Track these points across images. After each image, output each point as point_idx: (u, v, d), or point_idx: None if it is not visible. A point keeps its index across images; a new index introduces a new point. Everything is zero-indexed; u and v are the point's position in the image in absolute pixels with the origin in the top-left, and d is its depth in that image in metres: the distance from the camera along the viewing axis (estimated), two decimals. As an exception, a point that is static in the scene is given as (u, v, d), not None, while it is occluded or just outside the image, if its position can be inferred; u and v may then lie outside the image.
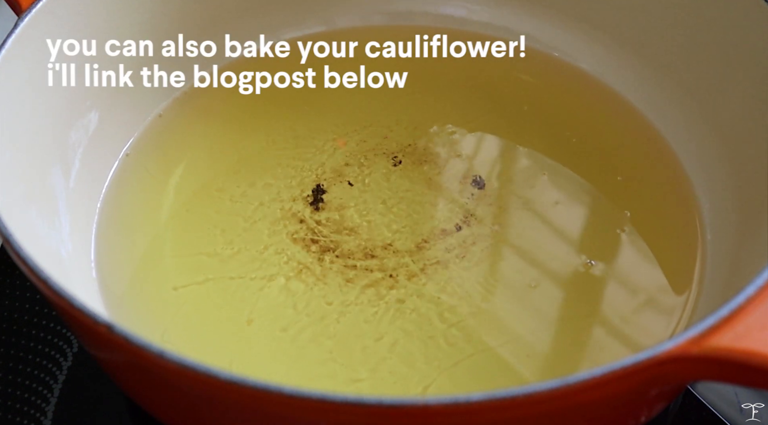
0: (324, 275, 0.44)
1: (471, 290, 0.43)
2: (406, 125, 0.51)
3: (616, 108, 0.52)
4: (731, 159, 0.46)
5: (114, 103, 0.50)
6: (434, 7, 0.57)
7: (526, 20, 0.56)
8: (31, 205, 0.42)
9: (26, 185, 0.42)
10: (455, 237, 0.46)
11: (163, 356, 0.31)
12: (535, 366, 0.41)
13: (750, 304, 0.32)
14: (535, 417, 0.32)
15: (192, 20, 0.53)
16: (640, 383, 0.32)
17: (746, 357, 0.31)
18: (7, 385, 0.46)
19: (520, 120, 0.52)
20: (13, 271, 0.50)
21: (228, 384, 0.30)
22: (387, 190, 0.48)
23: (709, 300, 0.42)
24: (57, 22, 0.45)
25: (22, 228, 0.38)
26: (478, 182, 0.48)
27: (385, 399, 0.29)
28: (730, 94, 0.47)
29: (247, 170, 0.50)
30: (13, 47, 0.42)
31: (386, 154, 0.50)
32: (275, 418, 0.33)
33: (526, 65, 0.55)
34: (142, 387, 0.38)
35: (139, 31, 0.50)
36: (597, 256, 0.45)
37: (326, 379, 0.40)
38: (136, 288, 0.44)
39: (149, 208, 0.48)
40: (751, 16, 0.45)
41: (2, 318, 0.49)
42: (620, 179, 0.48)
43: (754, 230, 0.42)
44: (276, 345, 0.42)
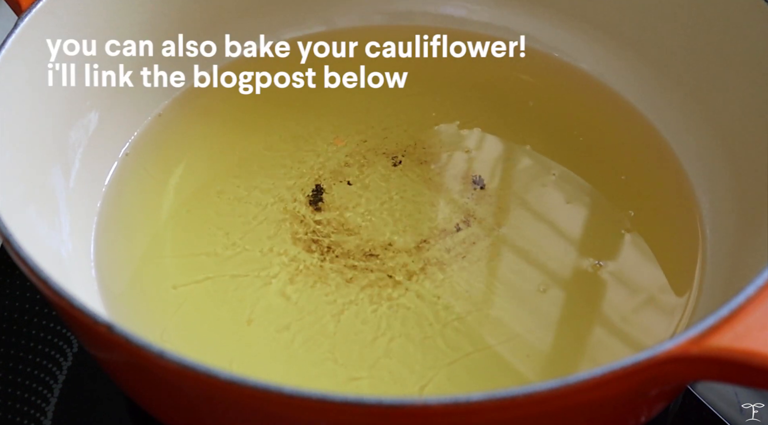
0: (324, 275, 0.44)
1: (471, 290, 0.43)
2: (406, 125, 0.51)
3: (616, 108, 0.52)
4: (731, 159, 0.46)
5: (114, 103, 0.50)
6: (434, 7, 0.57)
7: (526, 20, 0.56)
8: (31, 204, 0.42)
9: (26, 185, 0.42)
10: (455, 237, 0.46)
11: (163, 356, 0.31)
12: (535, 365, 0.41)
13: (750, 304, 0.32)
14: (535, 417, 0.32)
15: (192, 20, 0.53)
16: (640, 383, 0.32)
17: (746, 357, 0.31)
18: (7, 385, 0.46)
19: (520, 120, 0.52)
20: (13, 271, 0.50)
21: (228, 384, 0.30)
22: (387, 190, 0.48)
23: (710, 300, 0.42)
24: (57, 22, 0.45)
25: (22, 228, 0.38)
26: (477, 182, 0.48)
27: (385, 399, 0.29)
28: (730, 94, 0.47)
29: (247, 170, 0.50)
30: (13, 47, 0.42)
31: (386, 154, 0.50)
32: (275, 418, 0.33)
33: (526, 65, 0.55)
34: (142, 387, 0.38)
35: (139, 31, 0.50)
36: (597, 256, 0.45)
37: (325, 378, 0.40)
38: (136, 287, 0.44)
39: (149, 207, 0.48)
40: (751, 16, 0.45)
41: (2, 318, 0.49)
42: (620, 179, 0.48)
43: (755, 230, 0.42)
44: (276, 344, 0.42)
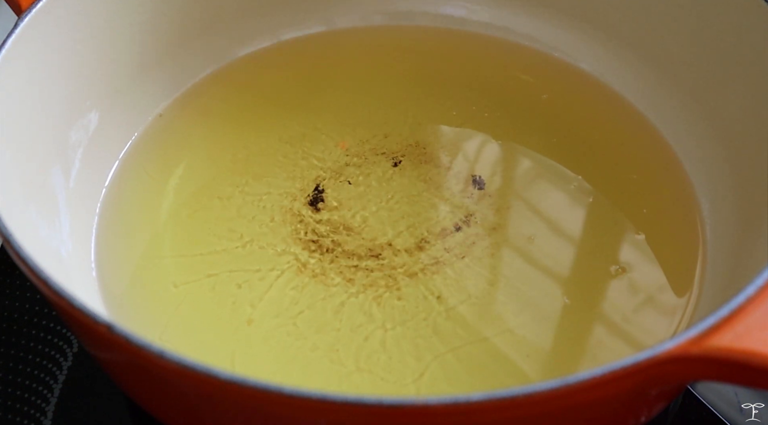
0: (324, 275, 0.44)
1: (471, 289, 0.43)
2: (406, 125, 0.51)
3: (616, 108, 0.52)
4: (731, 159, 0.46)
5: (114, 102, 0.50)
6: (434, 7, 0.57)
7: (526, 20, 0.56)
8: (31, 204, 0.42)
9: (26, 185, 0.42)
10: (455, 237, 0.46)
11: (163, 356, 0.31)
12: (535, 364, 0.41)
13: (750, 304, 0.32)
14: (535, 417, 0.32)
15: (192, 20, 0.53)
16: (640, 383, 0.32)
17: (746, 357, 0.31)
18: (7, 385, 0.46)
19: (520, 120, 0.52)
20: (13, 271, 0.50)
21: (228, 384, 0.30)
22: (387, 190, 0.48)
23: (710, 300, 0.42)
24: (57, 22, 0.45)
25: (22, 228, 0.38)
26: (478, 182, 0.48)
27: (385, 399, 0.29)
28: (731, 94, 0.47)
29: (247, 170, 0.50)
30: (13, 47, 0.42)
31: (386, 154, 0.50)
32: (275, 418, 0.33)
33: (526, 65, 0.55)
34: (142, 387, 0.38)
35: (139, 31, 0.50)
36: (597, 256, 0.45)
37: (324, 377, 0.40)
38: (136, 287, 0.44)
39: (149, 208, 0.48)
40: (751, 16, 0.45)
41: (2, 318, 0.49)
42: (620, 179, 0.48)
43: (755, 230, 0.42)
44: (275, 343, 0.42)
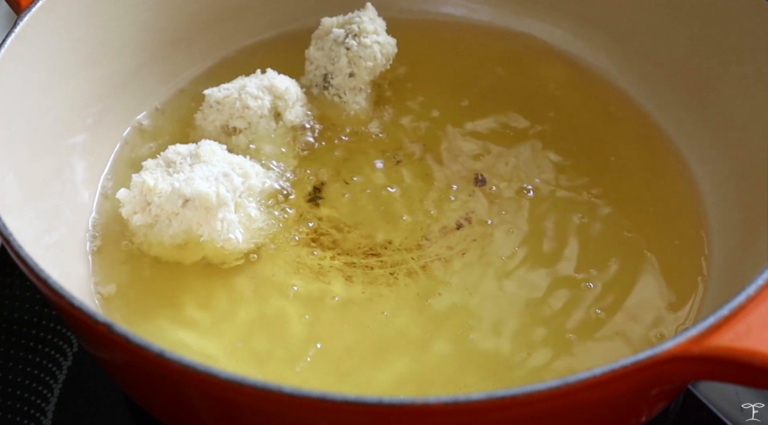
0: (324, 273, 0.44)
1: (471, 287, 0.43)
2: (407, 124, 0.51)
3: (617, 107, 0.52)
4: (733, 159, 0.46)
5: (114, 102, 0.50)
6: (434, 6, 0.57)
7: (526, 20, 0.56)
8: (31, 204, 0.42)
9: (26, 185, 0.42)
10: (456, 234, 0.46)
11: (163, 356, 0.31)
12: (535, 364, 0.41)
13: (751, 303, 0.32)
14: (535, 417, 0.32)
15: (192, 20, 0.53)
16: (640, 382, 0.32)
17: (747, 356, 0.31)
18: (7, 385, 0.46)
19: (520, 119, 0.52)
20: (13, 271, 0.50)
21: (228, 383, 0.30)
22: (387, 188, 0.48)
23: (711, 300, 0.42)
24: (57, 22, 0.45)
25: (22, 228, 0.38)
26: (479, 180, 0.48)
27: (385, 399, 0.29)
28: (732, 94, 0.47)
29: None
30: (13, 47, 0.42)
31: (386, 152, 0.50)
32: (275, 418, 0.33)
33: (527, 65, 0.55)
34: (142, 387, 0.38)
35: (138, 31, 0.50)
36: (597, 256, 0.45)
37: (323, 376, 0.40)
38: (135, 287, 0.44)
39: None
40: (751, 16, 0.45)
41: (2, 318, 0.49)
42: (622, 180, 0.48)
43: (756, 230, 0.42)
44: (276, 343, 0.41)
